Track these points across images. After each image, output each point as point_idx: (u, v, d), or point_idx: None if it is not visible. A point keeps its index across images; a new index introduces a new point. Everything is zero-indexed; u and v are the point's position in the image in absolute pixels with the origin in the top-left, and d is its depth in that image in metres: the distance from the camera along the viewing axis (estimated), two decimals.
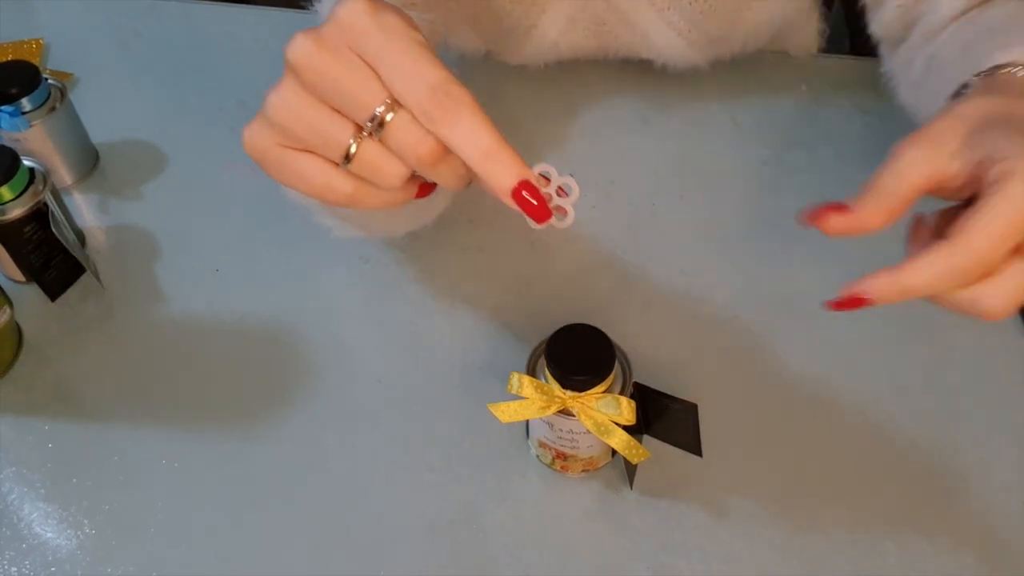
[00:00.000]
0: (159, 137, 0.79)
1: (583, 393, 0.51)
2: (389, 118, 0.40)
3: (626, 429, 0.51)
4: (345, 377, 0.63)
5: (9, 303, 0.62)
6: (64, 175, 0.74)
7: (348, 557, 0.54)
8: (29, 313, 0.66)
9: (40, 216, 0.64)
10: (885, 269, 0.41)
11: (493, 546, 0.55)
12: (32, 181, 0.64)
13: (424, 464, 0.58)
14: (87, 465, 0.58)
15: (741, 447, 0.58)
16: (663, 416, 0.54)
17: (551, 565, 0.54)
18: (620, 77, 0.81)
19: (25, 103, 0.70)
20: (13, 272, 0.67)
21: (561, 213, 0.42)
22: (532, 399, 0.52)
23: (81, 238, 0.70)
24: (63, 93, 0.72)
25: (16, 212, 0.62)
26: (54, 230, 0.64)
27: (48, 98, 0.71)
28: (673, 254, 0.69)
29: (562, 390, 0.51)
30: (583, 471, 0.57)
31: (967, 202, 0.41)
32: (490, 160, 0.40)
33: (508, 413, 0.53)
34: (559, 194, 0.42)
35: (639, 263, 0.69)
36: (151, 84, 0.84)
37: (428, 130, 0.40)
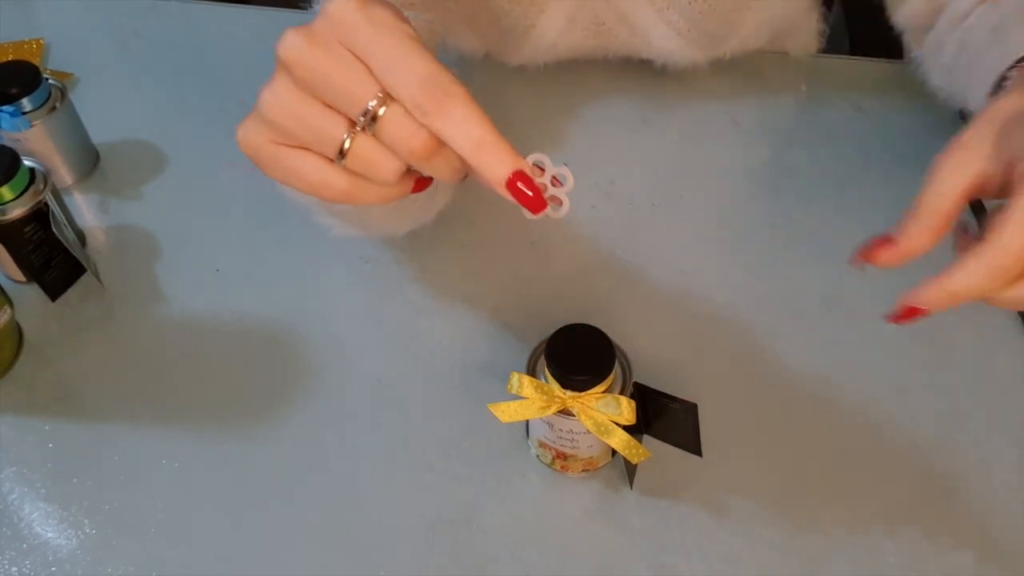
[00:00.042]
0: (159, 137, 0.79)
1: (583, 393, 0.51)
2: (381, 112, 0.39)
3: (626, 429, 0.51)
4: (345, 377, 0.63)
5: (9, 303, 0.62)
6: (64, 175, 0.74)
7: (348, 557, 0.54)
8: (29, 313, 0.66)
9: (40, 216, 0.64)
10: (932, 278, 0.42)
11: (493, 546, 0.55)
12: (32, 181, 0.64)
13: (424, 464, 0.58)
14: (87, 465, 0.58)
15: (741, 447, 0.58)
16: (663, 416, 0.54)
17: (551, 565, 0.54)
18: (620, 77, 0.81)
19: (25, 103, 0.70)
20: (13, 272, 0.67)
21: (556, 203, 0.42)
22: (532, 399, 0.52)
23: (81, 238, 0.70)
24: (63, 93, 0.72)
25: (17, 212, 0.62)
26: (54, 230, 0.64)
27: (48, 98, 0.71)
28: (673, 254, 0.69)
29: (562, 390, 0.51)
30: (583, 471, 0.57)
31: None
32: (483, 151, 0.39)
33: (508, 413, 0.53)
34: (554, 184, 0.42)
35: (639, 263, 0.69)
36: (151, 84, 0.84)
37: (421, 123, 0.39)
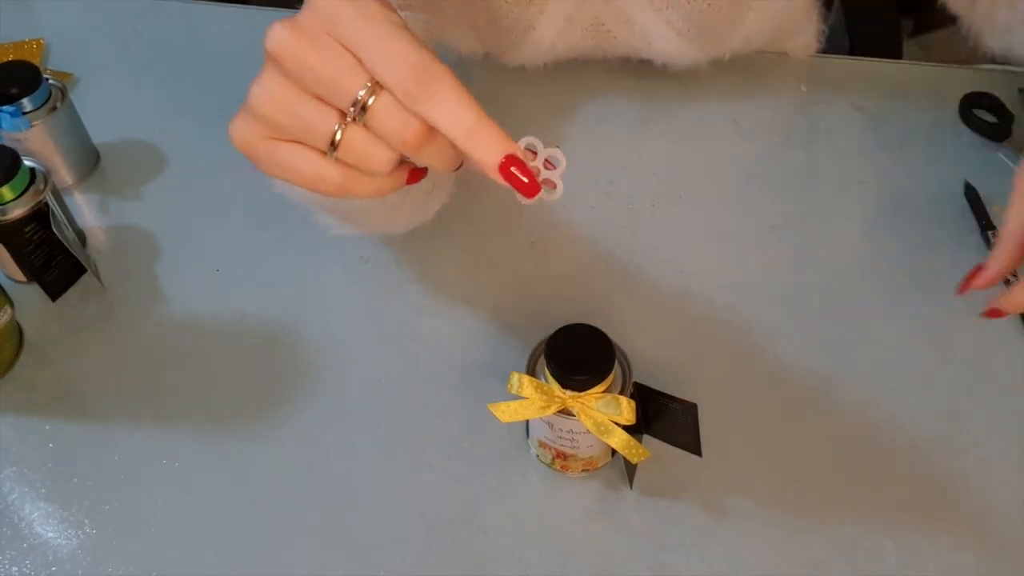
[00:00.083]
0: (159, 137, 0.79)
1: (583, 393, 0.51)
2: (371, 101, 0.39)
3: (626, 429, 0.51)
4: (345, 377, 0.63)
5: (10, 303, 0.62)
6: (65, 175, 0.74)
7: (348, 557, 0.54)
8: (30, 313, 0.66)
9: (41, 216, 0.64)
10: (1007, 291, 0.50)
11: (493, 546, 0.55)
12: (33, 181, 0.64)
13: (424, 464, 0.58)
14: (88, 465, 0.58)
15: (741, 447, 0.58)
16: (663, 416, 0.54)
17: (551, 565, 0.54)
18: (619, 77, 0.81)
19: (26, 103, 0.70)
20: (14, 272, 0.67)
21: (550, 186, 0.42)
22: (532, 399, 0.52)
23: (82, 238, 0.70)
24: (64, 93, 0.72)
25: (17, 212, 0.62)
26: (55, 230, 0.64)
27: (49, 98, 0.71)
28: (673, 254, 0.69)
29: (562, 390, 0.51)
30: (583, 471, 0.57)
31: None
32: (475, 137, 0.39)
33: (508, 413, 0.53)
34: (547, 167, 0.42)
35: (639, 263, 0.69)
36: (151, 84, 0.84)
37: (411, 111, 0.39)
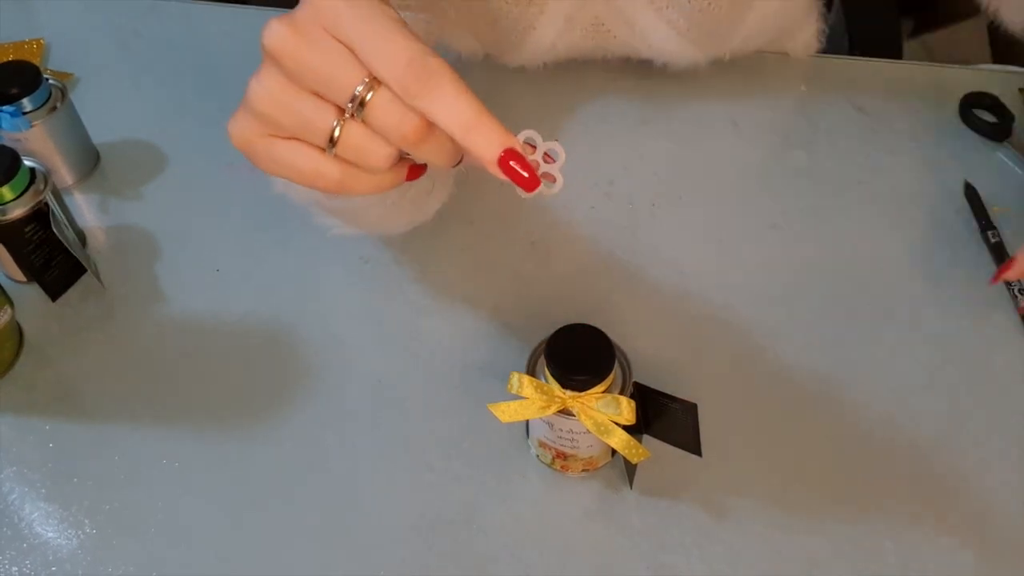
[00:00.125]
0: (159, 137, 0.79)
1: (583, 393, 0.51)
2: (369, 97, 0.39)
3: (626, 429, 0.51)
4: (345, 377, 0.63)
5: (10, 303, 0.62)
6: (65, 175, 0.74)
7: (348, 557, 0.54)
8: (30, 313, 0.66)
9: (41, 216, 0.64)
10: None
11: (493, 546, 0.55)
12: (33, 181, 0.64)
13: (424, 464, 0.58)
14: (87, 465, 0.58)
15: (741, 447, 0.58)
16: (663, 416, 0.54)
17: (551, 565, 0.54)
18: (619, 77, 0.81)
19: (26, 103, 0.70)
20: (14, 272, 0.67)
21: (550, 180, 0.42)
22: (532, 399, 0.52)
23: (82, 238, 0.70)
24: (64, 93, 0.72)
25: (17, 212, 0.62)
26: (55, 230, 0.64)
27: (49, 98, 0.71)
28: (673, 254, 0.69)
29: (562, 390, 0.51)
30: (583, 471, 0.57)
31: None
32: (473, 131, 0.39)
33: (508, 413, 0.53)
34: (546, 160, 0.42)
35: (639, 263, 0.69)
36: (151, 84, 0.84)
37: (410, 106, 0.39)
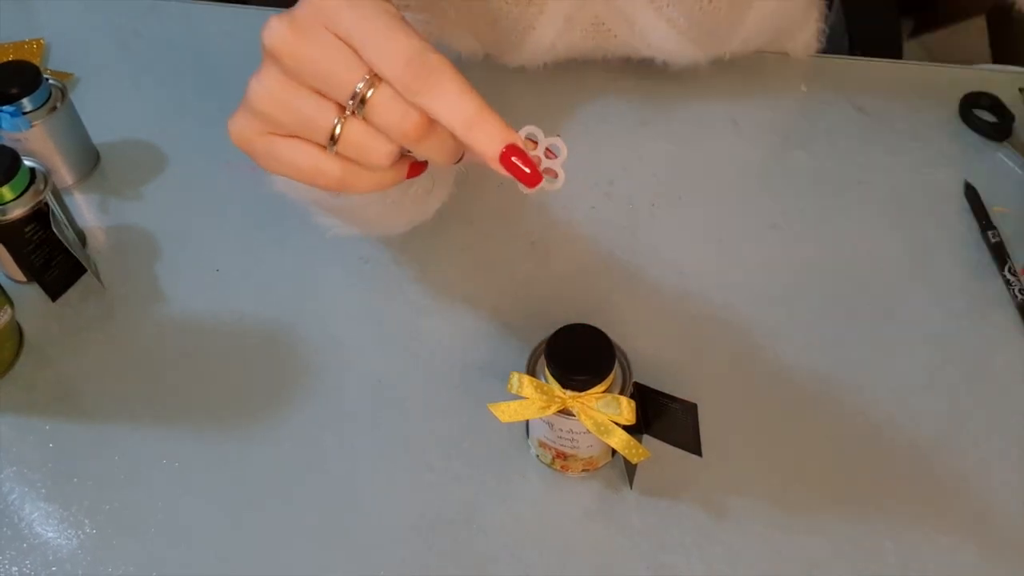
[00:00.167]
0: (159, 137, 0.79)
1: (583, 393, 0.51)
2: (370, 94, 0.39)
3: (626, 429, 0.51)
4: (344, 377, 0.63)
5: (10, 303, 0.62)
6: (65, 175, 0.74)
7: (347, 557, 0.54)
8: (30, 313, 0.66)
9: (41, 216, 0.64)
10: None
11: (493, 546, 0.55)
12: (33, 181, 0.64)
13: (424, 464, 0.58)
14: (87, 465, 0.58)
15: (741, 447, 0.58)
16: (663, 416, 0.54)
17: (551, 565, 0.54)
18: (619, 77, 0.81)
19: (26, 103, 0.70)
20: (14, 272, 0.67)
21: (551, 175, 0.42)
22: (532, 399, 0.52)
23: (82, 238, 0.70)
24: (64, 93, 0.72)
25: (17, 212, 0.62)
26: (55, 230, 0.64)
27: (49, 98, 0.71)
28: (673, 254, 0.69)
29: (562, 390, 0.51)
30: (583, 471, 0.57)
31: None
32: (475, 127, 0.39)
33: (508, 413, 0.53)
34: (548, 156, 0.42)
35: (639, 263, 0.69)
36: (151, 84, 0.84)
37: (411, 103, 0.39)
